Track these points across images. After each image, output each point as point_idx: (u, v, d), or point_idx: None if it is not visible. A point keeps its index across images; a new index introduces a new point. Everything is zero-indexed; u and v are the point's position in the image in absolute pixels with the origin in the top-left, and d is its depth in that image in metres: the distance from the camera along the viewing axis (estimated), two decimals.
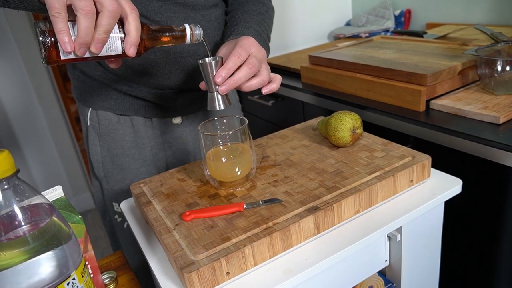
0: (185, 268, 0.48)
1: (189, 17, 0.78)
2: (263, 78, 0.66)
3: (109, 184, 0.91)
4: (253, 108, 1.56)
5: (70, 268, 0.41)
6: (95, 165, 0.90)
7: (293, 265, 0.52)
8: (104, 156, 0.89)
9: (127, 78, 0.82)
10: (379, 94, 1.00)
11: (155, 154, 0.91)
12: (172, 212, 0.60)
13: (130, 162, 0.89)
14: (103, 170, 0.90)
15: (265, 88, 0.67)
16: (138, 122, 0.88)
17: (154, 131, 0.90)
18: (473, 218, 0.87)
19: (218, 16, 0.84)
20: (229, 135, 0.63)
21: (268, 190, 0.61)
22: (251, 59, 0.63)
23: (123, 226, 0.94)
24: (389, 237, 0.63)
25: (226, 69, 0.61)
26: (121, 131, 0.87)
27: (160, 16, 0.75)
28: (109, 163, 0.89)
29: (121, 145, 0.88)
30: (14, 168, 0.39)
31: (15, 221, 0.39)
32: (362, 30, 1.63)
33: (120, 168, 0.89)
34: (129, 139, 0.88)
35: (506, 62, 0.87)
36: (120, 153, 0.88)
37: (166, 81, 0.83)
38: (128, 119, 0.87)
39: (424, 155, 0.65)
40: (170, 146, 0.92)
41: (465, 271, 0.93)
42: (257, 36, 0.75)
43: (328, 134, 0.70)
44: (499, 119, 0.79)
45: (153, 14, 0.75)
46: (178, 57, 0.80)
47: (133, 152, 0.89)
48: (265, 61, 0.68)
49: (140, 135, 0.88)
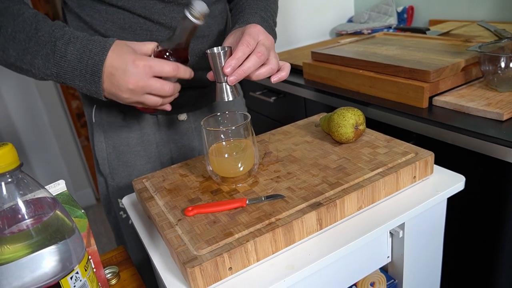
0: (188, 263, 0.48)
1: None
2: (272, 67, 0.65)
3: (114, 180, 0.91)
4: (255, 105, 1.56)
5: (73, 262, 0.41)
6: (100, 162, 0.90)
7: (296, 260, 0.52)
8: (109, 153, 0.89)
9: None
10: (381, 90, 1.00)
11: (160, 151, 0.91)
12: (174, 207, 0.60)
13: (136, 159, 0.89)
14: (109, 167, 0.90)
15: (274, 77, 0.66)
16: (144, 119, 0.87)
17: (160, 128, 0.89)
18: (476, 215, 0.87)
19: (221, 10, 0.83)
20: (231, 131, 0.63)
21: (270, 186, 0.61)
22: (259, 47, 0.62)
23: (128, 222, 0.93)
24: (391, 234, 0.62)
25: (235, 59, 0.60)
26: (127, 128, 0.87)
27: (164, 17, 0.75)
28: (115, 159, 0.89)
29: (127, 142, 0.88)
30: (18, 162, 0.39)
31: (19, 214, 0.39)
32: (365, 26, 1.62)
33: (125, 165, 0.89)
34: (134, 136, 0.88)
35: (510, 58, 0.86)
36: (126, 150, 0.88)
37: None
38: (133, 116, 0.87)
39: (427, 151, 0.65)
40: (175, 142, 0.92)
41: (467, 268, 0.93)
42: (263, 23, 0.74)
43: (331, 130, 0.70)
44: (503, 115, 0.79)
45: (157, 16, 0.74)
46: None
47: (139, 149, 0.88)
48: (273, 49, 0.67)
49: (145, 132, 0.88)
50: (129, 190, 0.89)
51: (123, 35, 0.75)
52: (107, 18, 0.75)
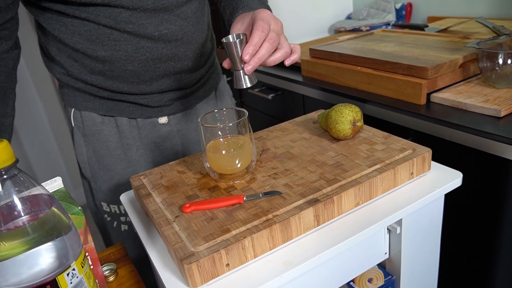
0: (185, 260, 0.48)
1: (163, 20, 0.74)
2: (286, 50, 0.64)
3: (97, 184, 0.89)
4: (253, 102, 1.56)
5: (70, 259, 0.41)
6: (82, 166, 0.88)
7: (293, 257, 0.52)
8: (90, 157, 0.87)
9: (108, 89, 0.80)
10: (379, 87, 1.00)
11: (142, 155, 0.89)
12: (172, 204, 0.60)
13: (116, 163, 0.87)
14: (90, 171, 0.88)
15: (287, 60, 0.65)
16: (123, 123, 0.85)
17: (140, 131, 0.87)
18: (473, 211, 0.87)
19: (194, 10, 0.80)
20: (229, 127, 0.63)
21: (268, 183, 0.61)
22: (271, 34, 0.61)
23: (113, 225, 0.92)
24: (389, 230, 0.63)
25: (252, 45, 0.59)
26: (106, 131, 0.85)
27: (131, 26, 0.72)
28: (96, 163, 0.87)
29: (106, 145, 0.86)
30: (13, 158, 0.39)
31: (15, 211, 0.39)
32: (363, 23, 1.62)
33: (106, 169, 0.87)
34: (114, 140, 0.86)
35: (508, 55, 0.86)
36: (106, 154, 0.86)
37: (148, 88, 0.81)
38: (112, 119, 0.85)
39: (425, 148, 0.65)
40: (157, 146, 0.90)
41: (465, 264, 0.94)
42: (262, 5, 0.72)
43: (329, 127, 0.70)
44: (500, 112, 0.79)
45: (123, 25, 0.72)
46: (157, 63, 0.78)
47: (119, 153, 0.87)
48: (282, 32, 0.66)
49: (125, 135, 0.86)
50: (112, 194, 0.89)
51: (92, 47, 0.74)
52: (73, 30, 0.73)
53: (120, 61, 0.75)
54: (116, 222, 0.92)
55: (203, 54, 0.85)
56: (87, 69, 0.78)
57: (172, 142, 0.90)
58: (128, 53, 0.75)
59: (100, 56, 0.75)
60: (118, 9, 0.70)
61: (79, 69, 0.78)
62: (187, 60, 0.81)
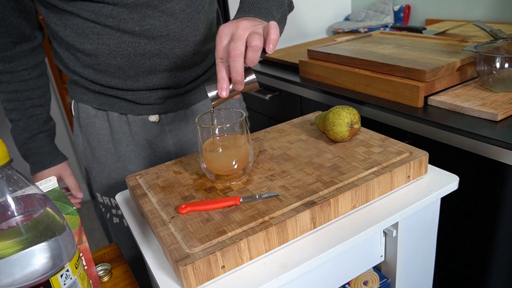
0: (180, 261, 0.47)
1: (146, 16, 0.73)
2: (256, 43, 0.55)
3: (92, 174, 0.92)
4: (250, 102, 1.55)
5: (64, 259, 0.41)
6: (78, 155, 0.93)
7: (289, 259, 0.51)
8: (85, 148, 0.90)
9: (98, 83, 0.82)
10: (377, 89, 1.00)
11: (132, 151, 0.88)
12: (167, 205, 0.59)
13: (107, 156, 0.88)
14: (86, 161, 0.92)
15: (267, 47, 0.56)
16: (113, 117, 0.86)
17: (130, 127, 0.87)
18: (470, 215, 0.87)
19: (184, 7, 0.77)
20: (226, 128, 0.63)
21: (264, 184, 0.61)
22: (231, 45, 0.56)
23: (107, 216, 0.94)
24: (385, 233, 0.62)
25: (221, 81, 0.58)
26: (98, 124, 0.87)
27: (112, 20, 0.72)
28: (89, 154, 0.90)
29: (98, 138, 0.88)
30: (7, 158, 0.38)
31: (8, 211, 0.38)
32: (361, 25, 1.62)
33: (98, 161, 0.89)
34: (105, 133, 0.87)
35: (505, 59, 0.87)
36: (97, 146, 0.88)
37: (134, 84, 0.81)
38: (104, 113, 0.86)
39: (422, 151, 0.65)
40: (149, 144, 0.89)
41: (460, 267, 0.94)
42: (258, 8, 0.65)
43: (326, 129, 0.70)
44: (497, 116, 0.79)
45: (104, 19, 0.72)
46: (141, 59, 0.77)
47: (109, 147, 0.88)
48: (248, 25, 0.58)
49: (115, 130, 0.87)
50: (103, 186, 0.91)
51: (79, 40, 0.76)
52: (66, 24, 0.75)
53: (104, 55, 0.76)
54: (109, 214, 0.94)
55: (198, 53, 0.84)
56: (80, 62, 0.80)
57: (164, 141, 0.90)
58: (110, 47, 0.75)
59: (86, 50, 0.77)
60: (101, 4, 0.71)
61: (74, 62, 0.81)
62: (175, 57, 0.80)
